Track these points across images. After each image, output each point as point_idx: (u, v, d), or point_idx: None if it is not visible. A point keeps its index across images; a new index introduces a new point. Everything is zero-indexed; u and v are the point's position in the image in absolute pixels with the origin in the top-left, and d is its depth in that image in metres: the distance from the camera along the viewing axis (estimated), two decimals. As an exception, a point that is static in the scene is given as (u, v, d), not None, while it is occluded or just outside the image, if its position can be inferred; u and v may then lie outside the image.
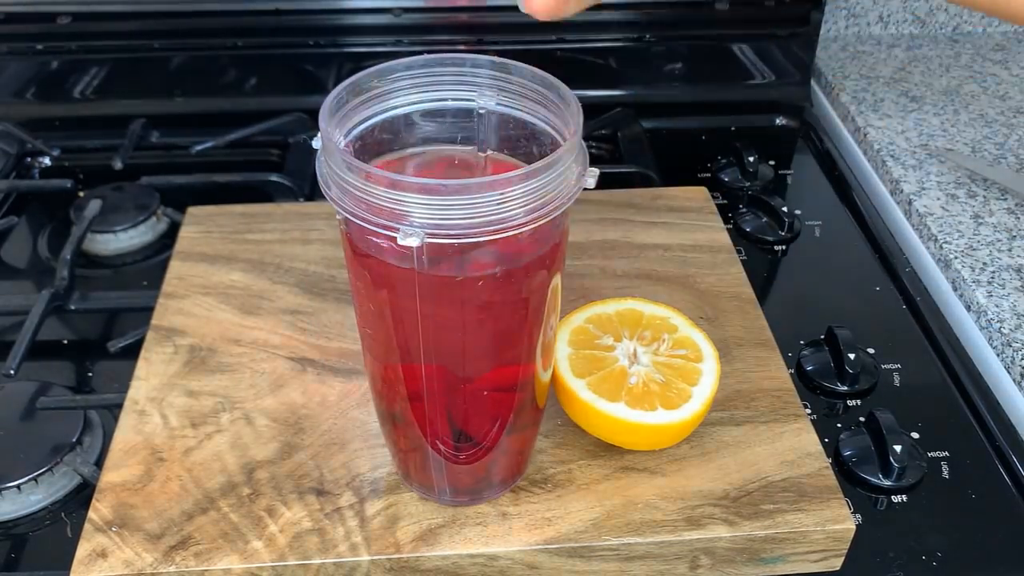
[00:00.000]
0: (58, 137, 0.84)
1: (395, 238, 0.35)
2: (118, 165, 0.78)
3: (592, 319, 0.52)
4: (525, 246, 0.40)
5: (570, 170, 0.38)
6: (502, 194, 0.35)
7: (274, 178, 0.77)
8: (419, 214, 0.35)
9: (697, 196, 0.68)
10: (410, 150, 0.45)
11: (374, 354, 0.45)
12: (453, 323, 0.41)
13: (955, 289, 0.66)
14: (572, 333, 0.52)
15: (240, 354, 0.56)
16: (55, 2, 0.81)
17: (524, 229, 0.36)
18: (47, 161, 0.82)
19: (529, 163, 0.36)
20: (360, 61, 0.45)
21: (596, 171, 0.40)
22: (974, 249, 0.67)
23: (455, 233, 0.35)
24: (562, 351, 0.51)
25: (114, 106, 0.86)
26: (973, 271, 0.65)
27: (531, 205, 0.36)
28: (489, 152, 0.45)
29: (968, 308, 0.64)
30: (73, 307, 0.65)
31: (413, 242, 0.34)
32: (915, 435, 0.56)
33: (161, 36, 0.84)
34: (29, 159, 0.83)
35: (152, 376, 0.54)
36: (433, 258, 0.37)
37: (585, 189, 0.40)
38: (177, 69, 0.86)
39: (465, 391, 0.44)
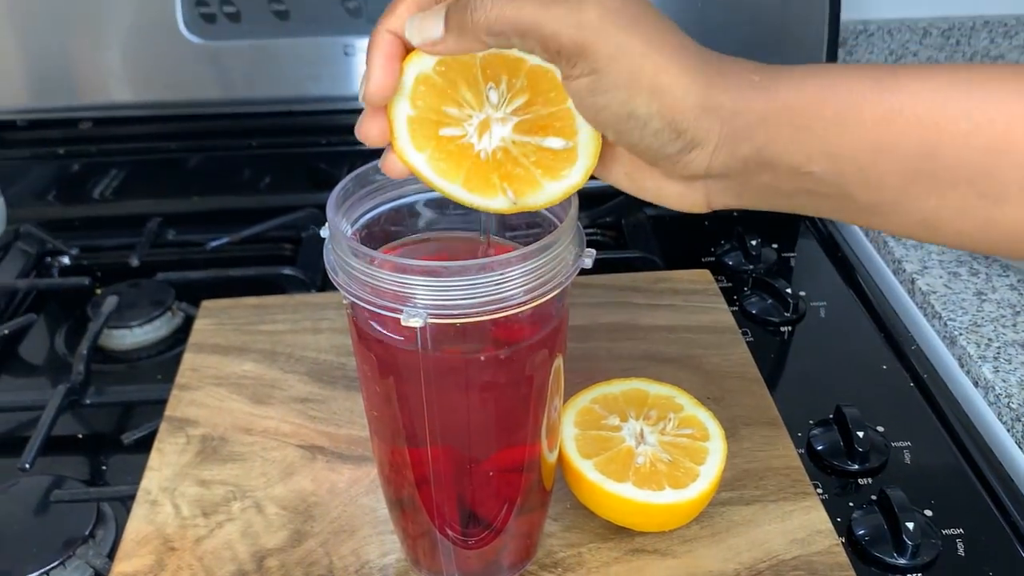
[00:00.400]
0: (78, 237, 0.86)
1: (399, 319, 0.36)
2: (135, 262, 0.80)
3: (598, 400, 0.53)
4: (526, 325, 0.40)
5: (567, 251, 0.40)
6: (501, 275, 0.36)
7: (287, 271, 0.79)
8: (422, 296, 0.36)
9: (700, 278, 0.69)
10: (415, 237, 0.46)
11: (381, 437, 0.45)
12: (458, 404, 0.42)
13: (962, 366, 0.66)
14: (578, 414, 0.52)
15: (251, 443, 0.56)
16: (77, 108, 0.85)
17: (523, 309, 0.37)
18: (66, 260, 0.85)
19: (529, 246, 0.38)
20: (370, 158, 0.47)
21: (593, 252, 0.41)
22: (978, 325, 0.68)
23: (456, 313, 0.36)
24: (568, 432, 0.51)
25: (132, 206, 0.88)
26: (979, 347, 0.66)
27: (529, 285, 0.37)
28: (491, 237, 0.46)
29: (976, 384, 0.64)
30: (88, 401, 0.66)
31: (416, 323, 0.35)
32: (928, 513, 0.55)
33: (178, 138, 0.87)
34: (49, 258, 0.85)
35: (165, 466, 0.55)
36: (436, 338, 0.38)
37: (583, 270, 0.41)
38: (193, 169, 0.89)
39: (472, 473, 0.45)
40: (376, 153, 0.43)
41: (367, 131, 0.39)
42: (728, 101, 0.35)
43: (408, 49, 0.37)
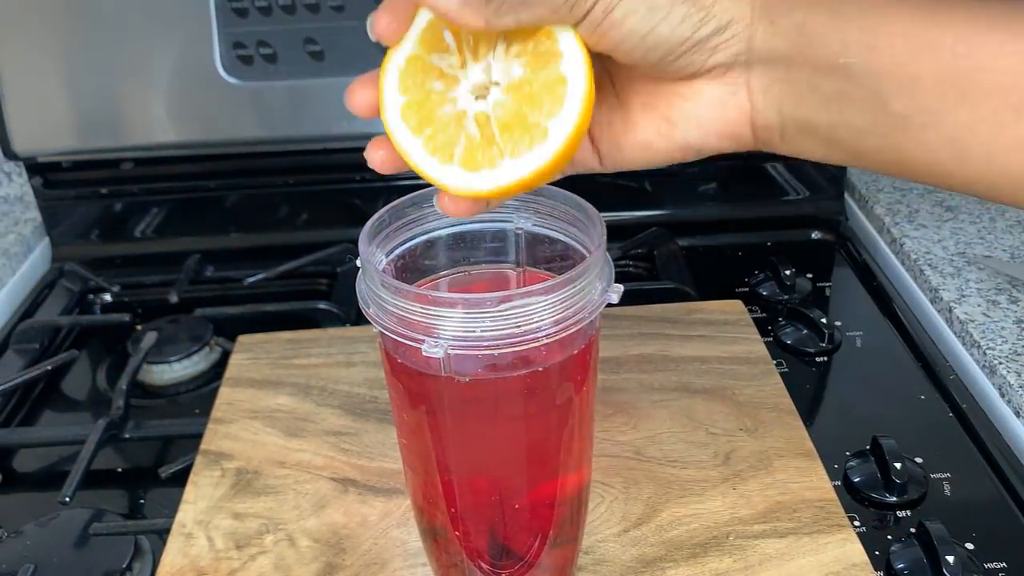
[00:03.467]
0: (119, 274, 0.88)
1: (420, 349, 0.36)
2: (174, 299, 0.82)
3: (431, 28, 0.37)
4: (553, 358, 0.40)
5: (592, 285, 0.40)
6: (525, 308, 0.37)
7: (322, 306, 0.80)
8: (446, 327, 0.36)
9: (733, 309, 0.69)
10: (451, 269, 0.47)
11: (413, 467, 0.46)
12: (485, 436, 0.42)
13: (1002, 395, 0.65)
14: (408, 64, 0.38)
15: (284, 476, 0.57)
16: (120, 149, 0.87)
17: (545, 342, 0.37)
18: (108, 297, 0.86)
19: (564, 277, 0.38)
20: (404, 193, 0.48)
21: (620, 287, 0.41)
22: (1019, 354, 0.66)
23: (479, 345, 0.36)
24: (391, 96, 0.38)
25: (172, 243, 0.90)
26: (1020, 376, 0.64)
27: (554, 319, 0.37)
28: (526, 268, 0.47)
29: (1017, 414, 0.63)
30: (128, 436, 0.67)
31: (437, 353, 0.36)
32: (970, 546, 0.54)
33: (217, 177, 0.89)
34: (91, 296, 0.87)
35: (200, 499, 0.56)
36: (461, 370, 0.39)
37: (609, 304, 0.41)
38: (231, 207, 0.91)
39: (502, 505, 0.45)
40: (409, 189, 0.44)
41: (355, 98, 0.37)
42: None
43: None
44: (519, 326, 0.36)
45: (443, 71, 0.37)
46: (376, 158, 0.38)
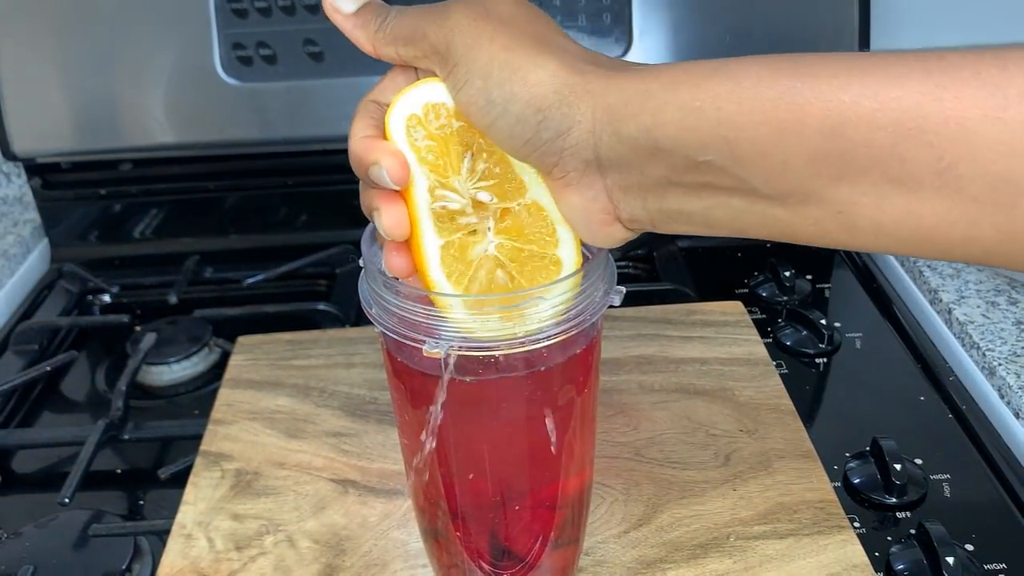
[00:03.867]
0: (118, 275, 0.88)
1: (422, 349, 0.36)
2: (173, 300, 0.82)
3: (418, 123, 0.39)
4: (554, 360, 0.40)
5: (595, 287, 0.40)
6: (526, 310, 0.37)
7: (322, 307, 0.80)
8: (447, 328, 0.36)
9: (732, 310, 0.69)
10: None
11: (414, 467, 0.45)
12: (485, 438, 0.42)
13: (1002, 396, 0.65)
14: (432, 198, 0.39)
15: (284, 477, 0.57)
16: (118, 150, 0.87)
17: (545, 344, 0.37)
18: (107, 298, 0.86)
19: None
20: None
21: (622, 290, 0.41)
22: (1018, 355, 0.66)
23: (480, 346, 0.36)
24: (431, 247, 0.39)
25: (171, 245, 0.91)
26: (1019, 378, 0.64)
27: (555, 321, 0.37)
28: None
29: (1017, 415, 0.63)
30: (127, 437, 0.67)
31: (438, 353, 0.36)
32: (969, 547, 0.54)
33: (216, 178, 0.89)
34: (91, 297, 0.87)
35: (200, 501, 0.56)
36: (461, 370, 0.39)
37: (611, 307, 0.41)
38: (231, 208, 0.91)
39: (503, 507, 0.45)
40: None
41: (392, 264, 0.39)
42: (596, 77, 0.34)
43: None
44: (521, 327, 0.36)
45: (459, 200, 0.38)
46: (397, 265, 0.39)
